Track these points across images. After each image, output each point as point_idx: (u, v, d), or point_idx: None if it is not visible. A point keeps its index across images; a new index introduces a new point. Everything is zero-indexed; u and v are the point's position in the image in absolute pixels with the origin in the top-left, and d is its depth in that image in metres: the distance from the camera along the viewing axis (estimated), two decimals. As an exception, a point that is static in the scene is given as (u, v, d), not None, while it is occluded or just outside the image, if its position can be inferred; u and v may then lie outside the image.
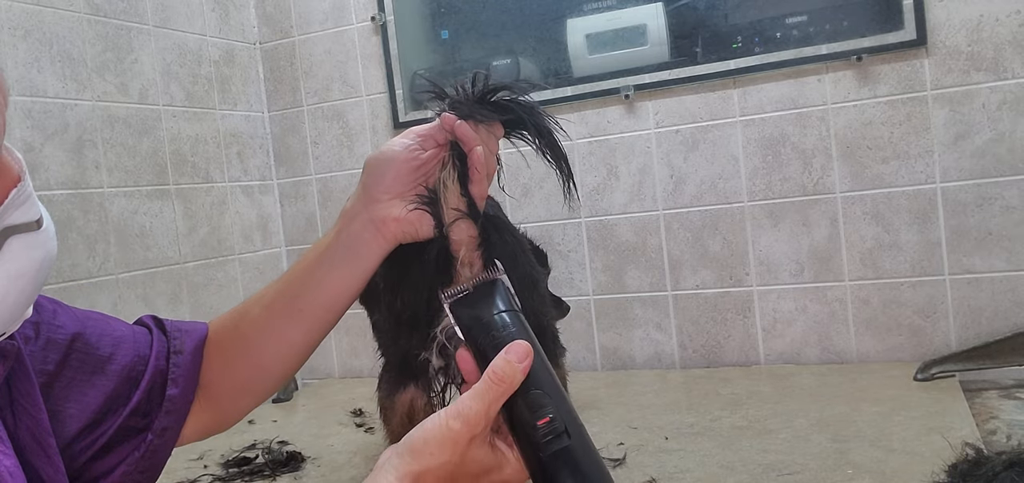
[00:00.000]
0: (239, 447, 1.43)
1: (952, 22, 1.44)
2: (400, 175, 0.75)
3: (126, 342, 0.73)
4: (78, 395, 0.68)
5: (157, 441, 0.73)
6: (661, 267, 1.69)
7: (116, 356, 0.71)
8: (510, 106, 0.78)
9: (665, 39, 1.64)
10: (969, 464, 0.93)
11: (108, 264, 1.53)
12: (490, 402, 0.57)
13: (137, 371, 0.72)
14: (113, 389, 0.70)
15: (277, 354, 0.78)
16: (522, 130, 0.80)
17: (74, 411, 0.68)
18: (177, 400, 0.74)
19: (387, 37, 1.85)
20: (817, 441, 1.16)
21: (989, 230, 1.45)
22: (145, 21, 1.67)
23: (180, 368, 0.75)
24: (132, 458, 0.71)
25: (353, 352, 1.95)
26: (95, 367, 0.70)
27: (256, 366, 0.79)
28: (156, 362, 0.74)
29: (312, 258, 0.78)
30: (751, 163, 1.60)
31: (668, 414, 1.37)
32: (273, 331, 0.78)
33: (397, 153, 0.76)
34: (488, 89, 0.78)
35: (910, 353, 1.51)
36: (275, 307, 0.78)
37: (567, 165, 0.79)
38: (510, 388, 0.58)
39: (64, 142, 1.47)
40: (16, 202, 0.51)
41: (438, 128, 0.76)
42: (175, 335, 0.77)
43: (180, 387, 0.75)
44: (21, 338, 0.64)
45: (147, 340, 0.75)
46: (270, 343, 0.78)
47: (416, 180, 0.76)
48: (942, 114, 1.46)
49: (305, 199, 1.99)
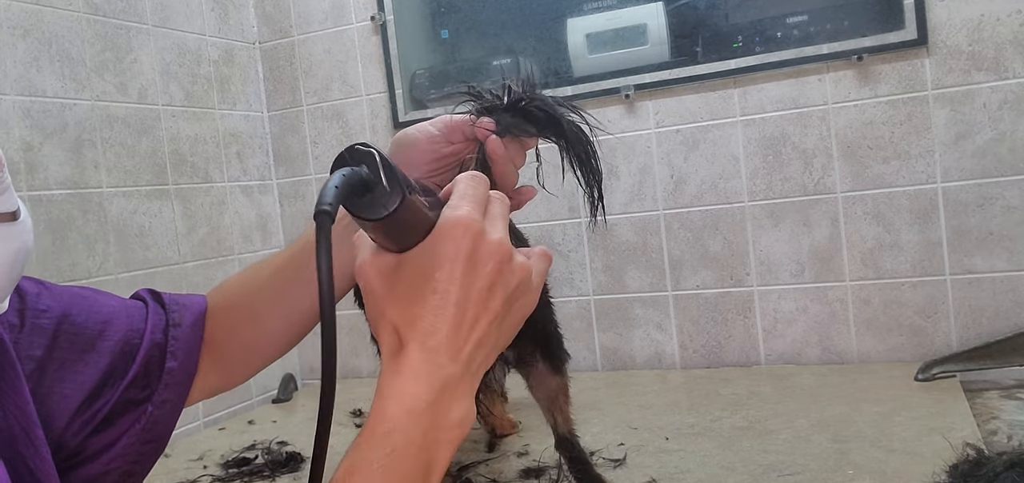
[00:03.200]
0: (239, 447, 1.43)
1: (953, 22, 1.44)
2: (417, 163, 0.75)
3: (118, 317, 0.72)
4: (71, 375, 0.68)
5: (157, 413, 0.72)
6: (661, 267, 1.69)
7: (107, 332, 0.71)
8: (549, 120, 0.78)
9: (665, 39, 1.63)
10: (970, 464, 0.93)
11: (107, 264, 1.53)
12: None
13: (132, 345, 0.72)
14: (108, 364, 0.70)
15: (286, 319, 0.78)
16: (554, 139, 0.80)
17: (69, 390, 0.67)
18: (176, 372, 0.74)
19: (387, 37, 1.84)
20: (818, 441, 1.16)
21: (990, 230, 1.45)
22: (144, 21, 1.67)
23: (179, 341, 0.75)
24: (133, 430, 0.71)
25: (353, 352, 1.95)
26: (86, 345, 0.69)
27: (264, 330, 0.79)
28: (152, 335, 0.73)
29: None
30: (752, 163, 1.60)
31: (668, 414, 1.37)
32: (282, 297, 0.78)
33: (420, 141, 0.76)
34: (523, 97, 0.77)
35: (911, 353, 1.51)
36: (285, 273, 0.78)
37: (600, 187, 0.78)
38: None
39: (63, 142, 1.47)
40: None
41: (468, 124, 0.76)
42: (173, 308, 0.76)
43: (179, 360, 0.74)
44: (6, 327, 0.63)
45: (141, 314, 0.74)
46: (279, 309, 0.78)
47: (433, 170, 0.76)
48: (943, 114, 1.46)
49: (305, 199, 1.99)
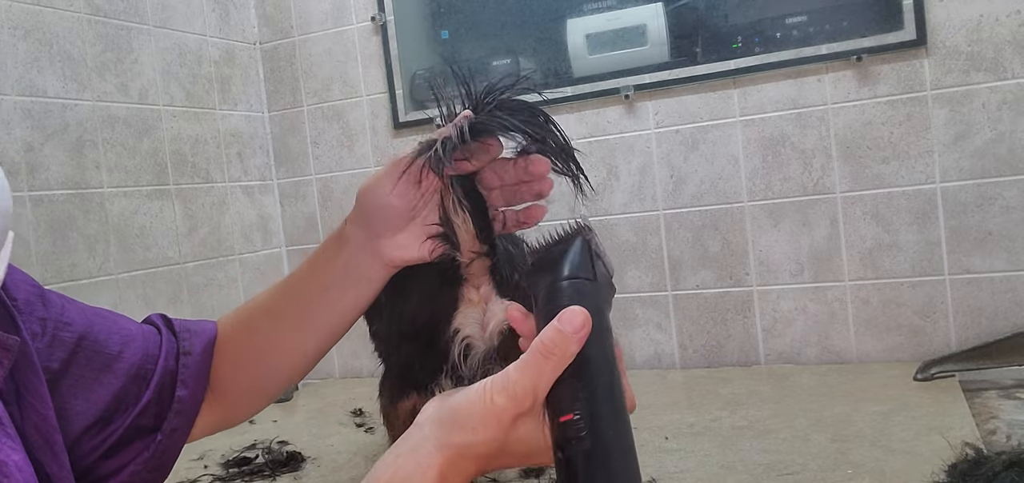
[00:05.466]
0: (239, 447, 1.43)
1: (952, 22, 1.44)
2: (400, 215, 0.73)
3: (135, 340, 0.73)
4: (85, 393, 0.68)
5: (166, 441, 0.73)
6: (661, 267, 1.69)
7: (125, 354, 0.71)
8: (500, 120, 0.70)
9: (665, 39, 1.64)
10: (969, 464, 0.94)
11: (108, 264, 1.53)
12: (537, 376, 0.51)
13: (146, 370, 0.72)
14: (121, 387, 0.70)
15: (289, 361, 0.79)
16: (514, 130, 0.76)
17: (81, 408, 0.67)
18: (186, 401, 0.74)
19: (387, 37, 1.85)
20: (817, 441, 1.16)
21: (989, 230, 1.45)
22: (145, 21, 1.67)
23: (189, 369, 0.75)
24: (141, 458, 0.71)
25: (353, 353, 1.95)
26: (103, 365, 0.69)
27: (267, 370, 0.79)
28: (165, 362, 0.73)
29: (319, 282, 0.77)
30: (751, 163, 1.60)
31: (668, 414, 1.37)
32: (284, 343, 0.78)
33: (393, 205, 0.72)
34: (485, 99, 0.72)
35: (910, 353, 1.51)
36: (285, 321, 0.78)
37: (574, 158, 0.73)
38: (561, 362, 0.51)
39: (64, 142, 1.47)
40: None
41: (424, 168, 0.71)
42: (184, 335, 0.77)
43: (189, 388, 0.74)
44: (28, 334, 0.64)
45: (156, 340, 0.75)
46: (281, 353, 0.78)
47: (416, 212, 0.73)
48: (942, 114, 1.46)
49: (305, 199, 1.99)
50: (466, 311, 0.83)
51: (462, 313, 0.83)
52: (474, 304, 0.83)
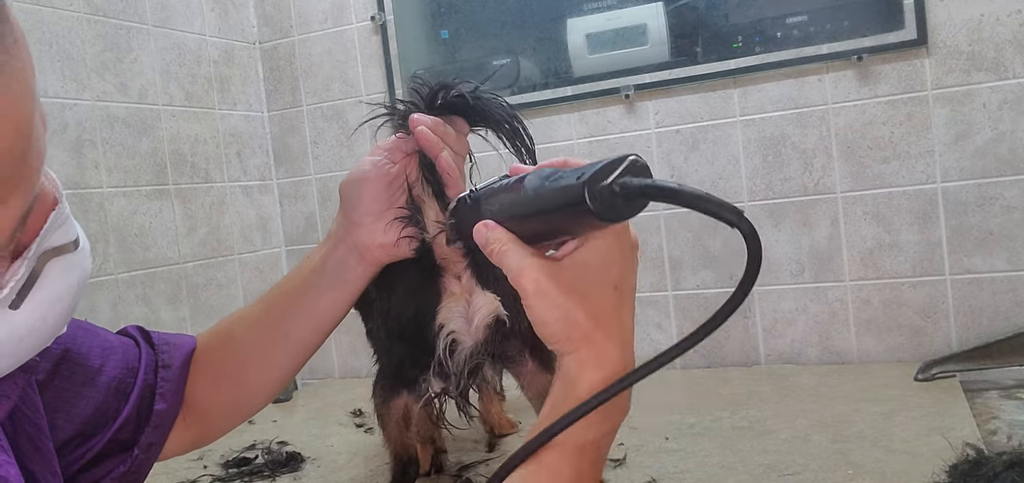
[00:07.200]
0: (239, 447, 1.43)
1: (953, 22, 1.44)
2: (375, 194, 0.76)
3: (115, 353, 0.72)
4: (67, 406, 0.67)
5: (142, 456, 0.72)
6: (661, 267, 1.69)
7: (106, 367, 0.70)
8: (467, 107, 0.78)
9: (665, 39, 1.63)
10: (970, 464, 0.93)
11: (108, 264, 1.53)
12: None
13: (126, 384, 0.71)
14: (102, 401, 0.69)
15: (261, 374, 0.79)
16: (484, 122, 0.81)
17: (61, 422, 0.66)
18: (164, 415, 0.74)
19: (387, 37, 1.84)
20: (817, 441, 1.16)
21: (990, 230, 1.45)
22: (144, 21, 1.67)
23: (169, 382, 0.74)
24: (116, 472, 0.70)
25: (353, 352, 1.95)
26: (85, 378, 0.68)
27: (241, 386, 0.79)
28: (144, 376, 0.73)
29: (298, 282, 0.78)
30: (751, 163, 1.60)
31: (668, 414, 1.37)
32: (258, 352, 0.78)
33: (367, 172, 0.77)
34: (437, 93, 0.78)
35: (911, 353, 1.51)
36: (261, 328, 0.78)
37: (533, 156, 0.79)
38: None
39: (63, 142, 1.47)
40: (55, 224, 0.49)
41: (403, 139, 0.77)
42: (163, 348, 0.76)
43: (168, 402, 0.74)
44: None
45: (135, 353, 0.74)
46: (255, 364, 0.78)
47: (391, 195, 0.77)
48: (943, 114, 1.46)
49: (305, 199, 1.99)
50: (450, 305, 0.83)
51: (446, 307, 0.83)
52: (457, 297, 0.83)
